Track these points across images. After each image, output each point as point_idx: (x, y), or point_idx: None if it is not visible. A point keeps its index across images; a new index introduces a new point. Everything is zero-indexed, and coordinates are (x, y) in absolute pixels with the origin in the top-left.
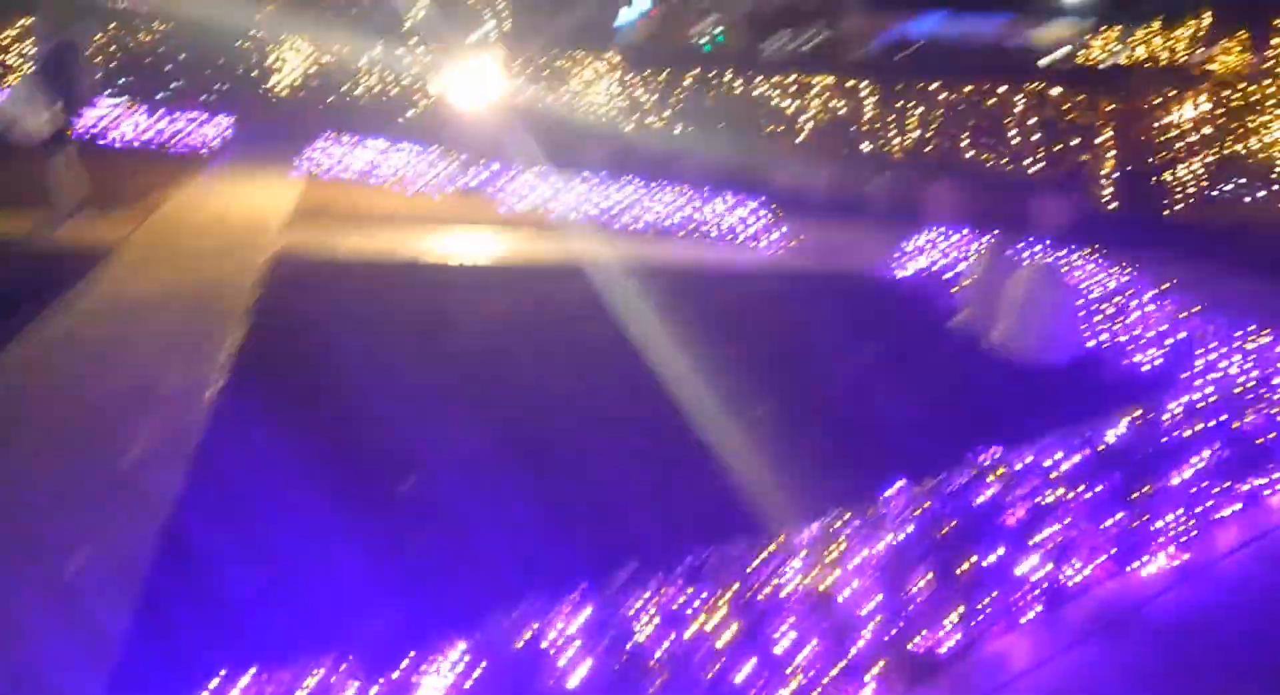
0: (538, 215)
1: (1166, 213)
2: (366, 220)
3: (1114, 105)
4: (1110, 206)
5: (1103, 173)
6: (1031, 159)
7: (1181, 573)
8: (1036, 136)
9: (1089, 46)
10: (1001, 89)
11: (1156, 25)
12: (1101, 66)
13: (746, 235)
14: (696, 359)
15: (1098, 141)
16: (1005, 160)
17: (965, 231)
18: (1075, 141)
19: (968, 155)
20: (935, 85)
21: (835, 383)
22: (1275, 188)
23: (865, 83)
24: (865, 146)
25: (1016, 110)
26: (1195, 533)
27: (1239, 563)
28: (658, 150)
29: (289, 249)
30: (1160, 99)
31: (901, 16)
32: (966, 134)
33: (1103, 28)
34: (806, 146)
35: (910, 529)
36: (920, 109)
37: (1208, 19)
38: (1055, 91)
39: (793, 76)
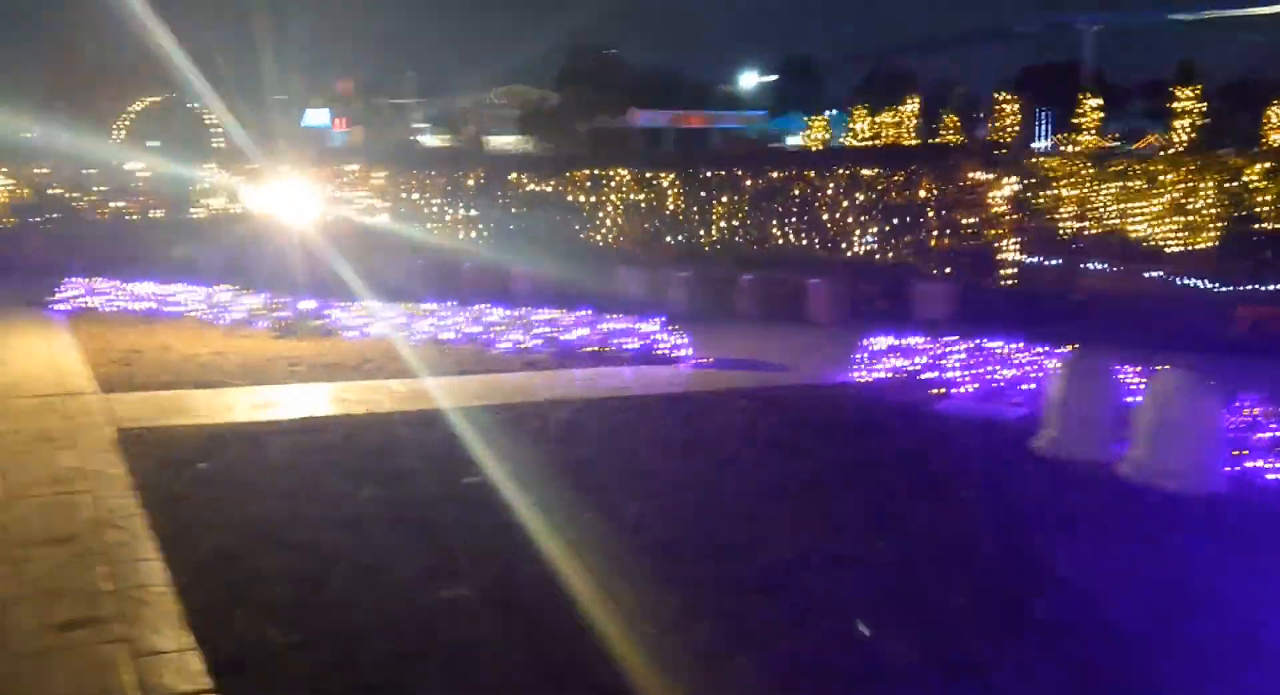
0: (393, 349)
1: (1007, 286)
2: (189, 371)
3: (935, 184)
4: (947, 283)
5: (933, 250)
6: (860, 241)
7: None
8: (863, 218)
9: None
10: (809, 173)
11: (864, 111)
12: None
13: (661, 353)
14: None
15: (922, 220)
16: (829, 245)
17: (918, 337)
18: (897, 221)
19: (787, 242)
20: (741, 173)
21: (946, 543)
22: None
23: (668, 174)
24: (679, 239)
25: (831, 193)
26: None
27: None
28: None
29: (132, 428)
30: (979, 176)
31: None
32: (789, 221)
33: (816, 116)
34: (619, 243)
35: None
36: (726, 198)
37: (915, 104)
38: (869, 172)
39: (589, 170)
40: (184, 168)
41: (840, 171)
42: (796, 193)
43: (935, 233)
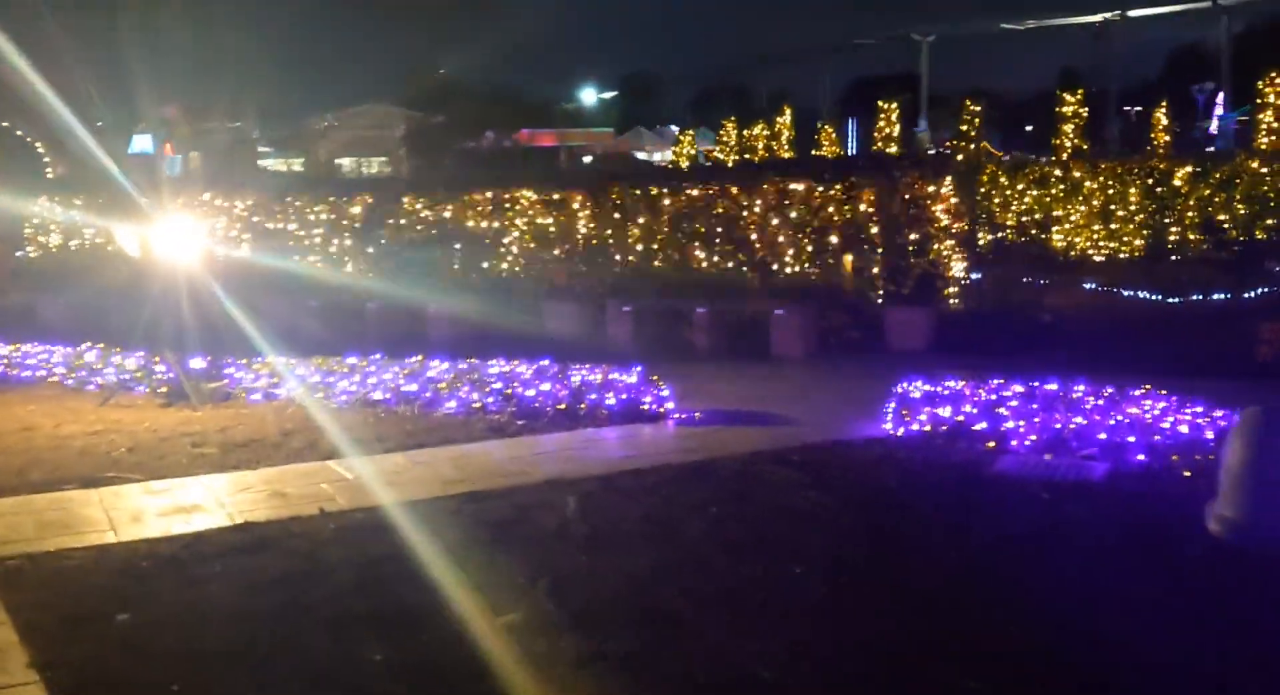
0: (315, 417)
1: (960, 307)
2: (67, 461)
3: (875, 196)
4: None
5: (875, 269)
6: (792, 263)
7: None
8: (797, 237)
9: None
10: (733, 189)
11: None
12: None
13: (642, 408)
14: None
15: (863, 237)
16: (757, 268)
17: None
18: (835, 240)
19: (712, 266)
20: (657, 191)
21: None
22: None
23: (577, 195)
24: (599, 261)
25: (759, 211)
26: None
27: None
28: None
29: (8, 557)
30: (920, 186)
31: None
32: (715, 243)
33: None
34: (527, 273)
35: None
36: (643, 220)
37: (786, 116)
38: (799, 186)
39: (489, 193)
40: (13, 201)
41: (766, 187)
42: (719, 211)
43: (880, 251)
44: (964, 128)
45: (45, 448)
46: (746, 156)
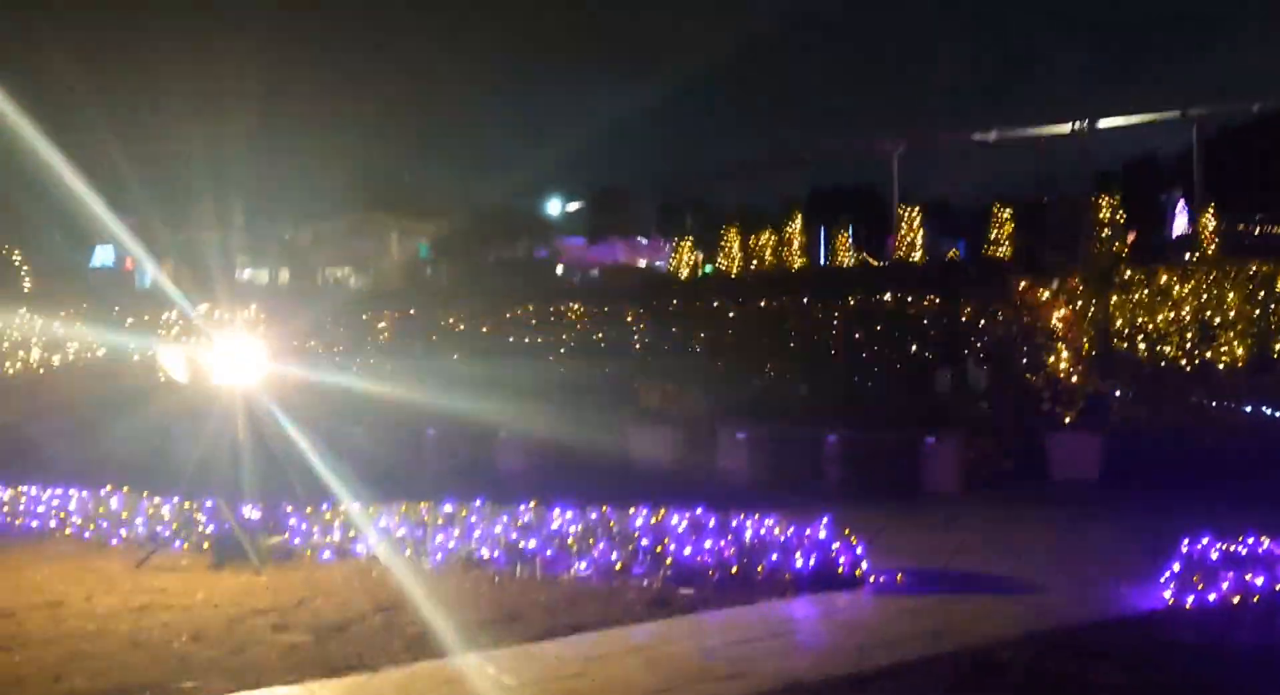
0: (410, 585)
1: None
2: (120, 660)
3: (978, 305)
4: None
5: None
6: (877, 381)
7: None
8: (887, 353)
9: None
10: (806, 301)
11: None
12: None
13: (828, 570)
14: None
15: (967, 352)
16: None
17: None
18: (931, 356)
19: (783, 383)
20: (718, 303)
21: None
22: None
23: (633, 308)
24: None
25: (838, 326)
26: None
27: None
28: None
29: None
30: (1033, 293)
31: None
32: (786, 360)
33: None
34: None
35: None
36: (705, 334)
37: (797, 222)
38: (882, 297)
39: (530, 306)
40: None
41: (849, 300)
42: (791, 326)
43: (987, 368)
44: (1098, 227)
45: (82, 634)
46: (754, 264)
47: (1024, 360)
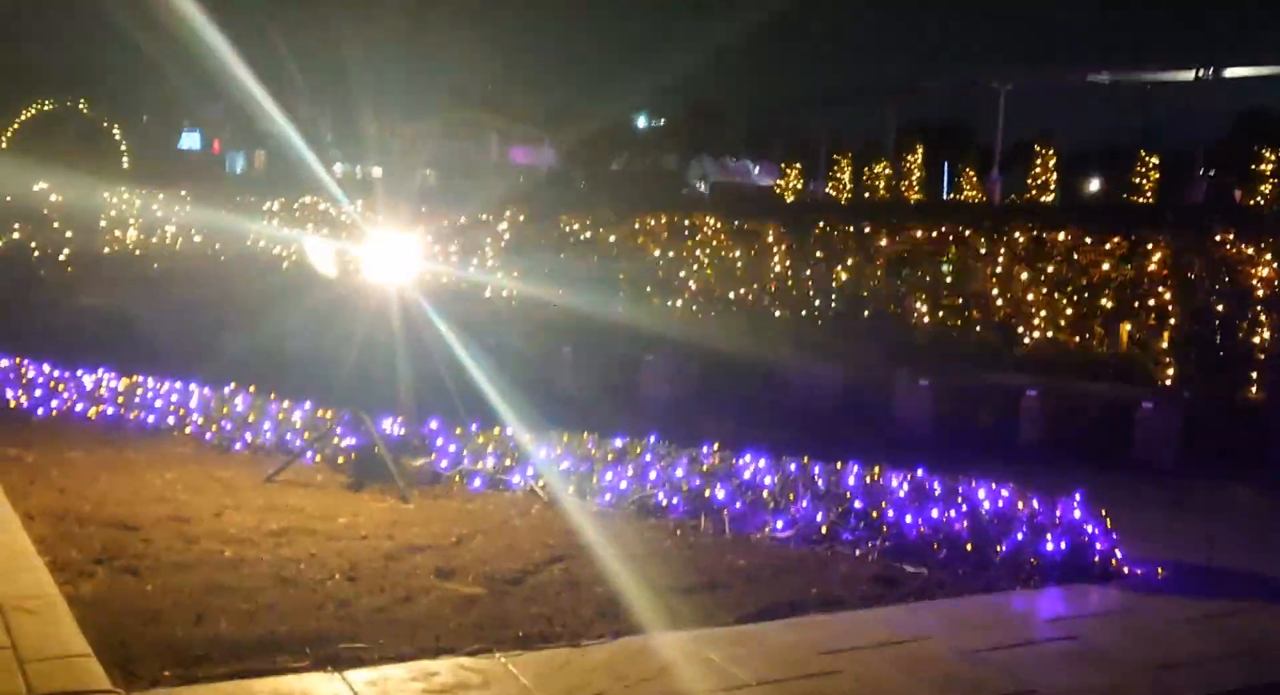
0: (580, 529)
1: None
2: (259, 592)
3: (1169, 254)
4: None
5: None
6: (1044, 327)
7: None
8: (1054, 297)
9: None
10: (971, 233)
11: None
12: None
13: (1079, 554)
14: None
15: (1152, 303)
16: (997, 331)
17: None
18: (1111, 304)
19: (935, 322)
20: (870, 229)
21: None
22: None
23: (768, 226)
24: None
25: (1004, 262)
26: None
27: None
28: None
29: None
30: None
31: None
32: (942, 296)
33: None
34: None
35: None
36: (851, 262)
37: (918, 154)
38: (1060, 236)
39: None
40: (94, 190)
41: (1017, 234)
42: (947, 260)
43: (1174, 321)
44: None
45: (218, 562)
46: (867, 195)
47: (1222, 321)
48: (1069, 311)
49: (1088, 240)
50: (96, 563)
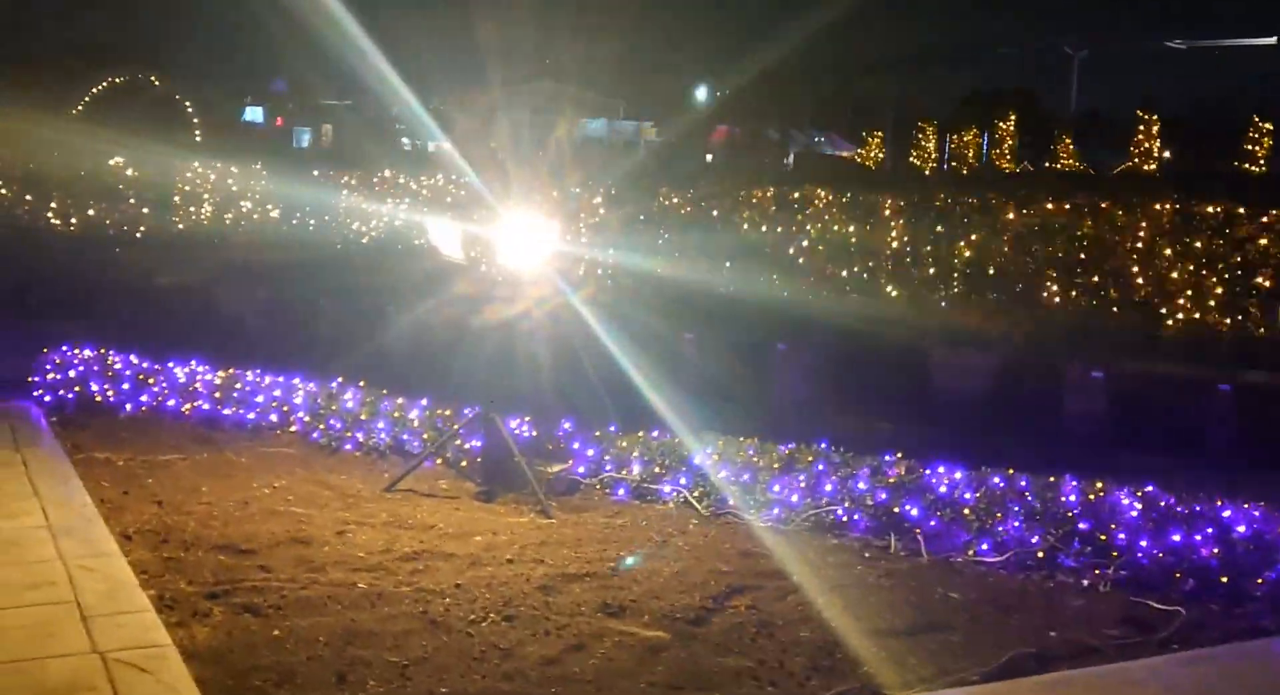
0: (760, 551)
1: None
2: (412, 642)
3: None
4: None
5: None
6: (1193, 306)
7: None
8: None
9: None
10: (1107, 206)
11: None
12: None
13: None
14: None
15: None
16: (1141, 309)
17: None
18: (1265, 282)
19: (1066, 301)
20: (996, 200)
21: None
22: None
23: (886, 199)
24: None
25: (1145, 236)
26: None
27: None
28: None
29: None
30: None
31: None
32: (1076, 273)
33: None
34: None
35: None
36: (975, 236)
37: (1010, 121)
38: (1211, 208)
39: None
40: (168, 165)
41: (1162, 206)
42: (1083, 233)
43: None
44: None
45: (351, 598)
46: (953, 165)
47: None
48: (1219, 290)
49: (1241, 211)
50: (210, 598)
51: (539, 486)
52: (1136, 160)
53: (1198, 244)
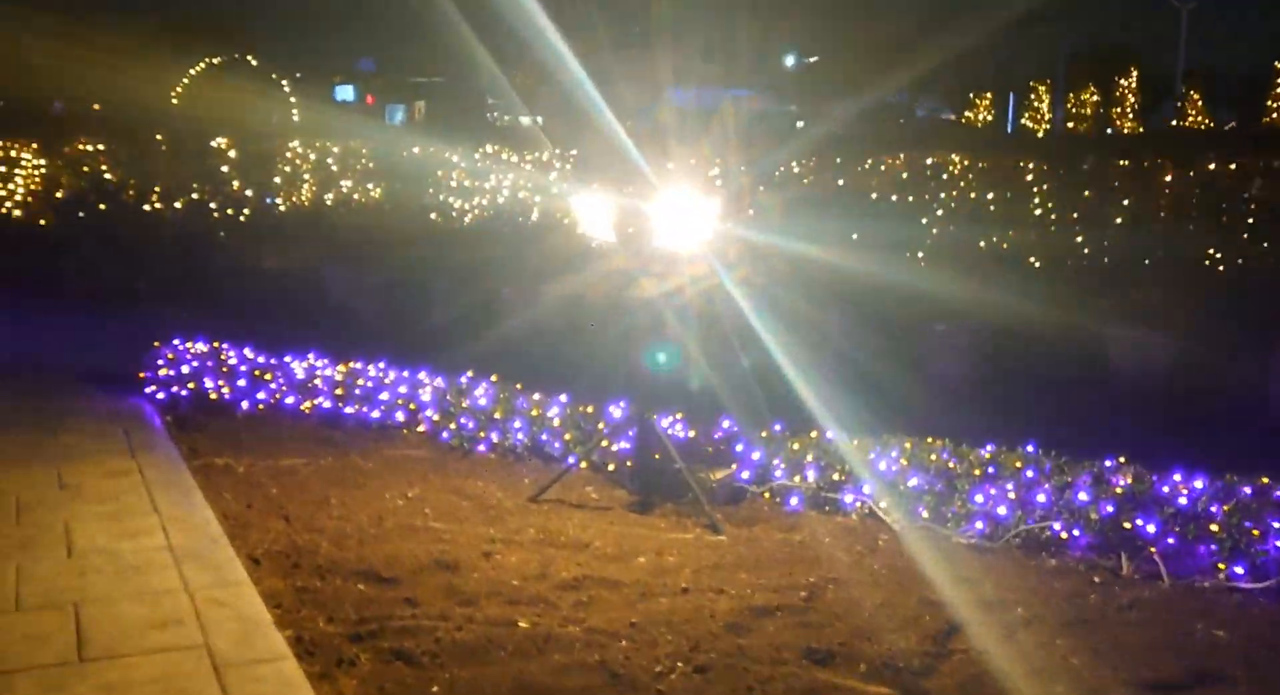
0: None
1: None
2: None
3: None
4: None
5: None
6: None
7: None
8: None
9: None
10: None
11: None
12: None
13: None
14: None
15: None
16: None
17: None
18: None
19: (1230, 266)
20: (1149, 163)
21: None
22: None
23: (1029, 162)
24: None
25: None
26: None
27: None
28: None
29: None
30: None
31: None
32: (1244, 235)
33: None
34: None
35: None
36: (1129, 202)
37: (1132, 78)
38: None
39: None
40: (267, 144)
41: None
42: (1251, 193)
43: None
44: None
45: (515, 642)
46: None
47: None
48: None
49: None
50: (355, 641)
51: (704, 497)
52: (1276, 116)
53: None
